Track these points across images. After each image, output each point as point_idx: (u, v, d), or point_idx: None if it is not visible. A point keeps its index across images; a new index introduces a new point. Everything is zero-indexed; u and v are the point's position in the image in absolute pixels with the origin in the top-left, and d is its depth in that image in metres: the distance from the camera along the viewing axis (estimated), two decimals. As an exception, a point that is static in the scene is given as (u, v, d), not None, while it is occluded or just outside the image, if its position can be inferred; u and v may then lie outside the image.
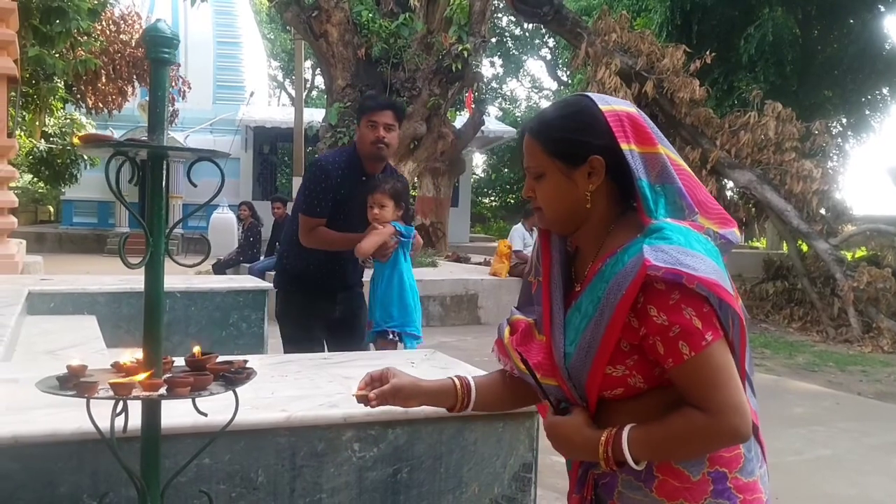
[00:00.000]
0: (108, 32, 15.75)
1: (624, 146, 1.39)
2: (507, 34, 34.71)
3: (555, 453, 1.51)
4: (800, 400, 6.80)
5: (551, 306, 1.48)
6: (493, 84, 36.71)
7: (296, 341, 3.87)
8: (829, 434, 5.69)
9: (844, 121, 19.93)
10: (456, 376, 1.64)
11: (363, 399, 1.58)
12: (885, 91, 19.61)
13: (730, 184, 13.05)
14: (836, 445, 5.42)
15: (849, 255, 12.50)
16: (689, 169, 1.49)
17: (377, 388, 1.59)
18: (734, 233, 1.47)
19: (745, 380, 1.40)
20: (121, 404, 1.62)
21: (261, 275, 10.11)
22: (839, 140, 19.45)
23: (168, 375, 1.68)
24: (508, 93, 39.34)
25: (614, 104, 1.44)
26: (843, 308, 10.53)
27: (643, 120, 1.44)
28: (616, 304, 1.31)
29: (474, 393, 1.61)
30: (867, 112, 19.92)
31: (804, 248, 11.89)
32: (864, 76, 18.28)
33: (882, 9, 18.13)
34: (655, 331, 1.30)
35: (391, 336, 3.79)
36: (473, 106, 17.18)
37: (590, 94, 1.49)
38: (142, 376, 1.61)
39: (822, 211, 11.86)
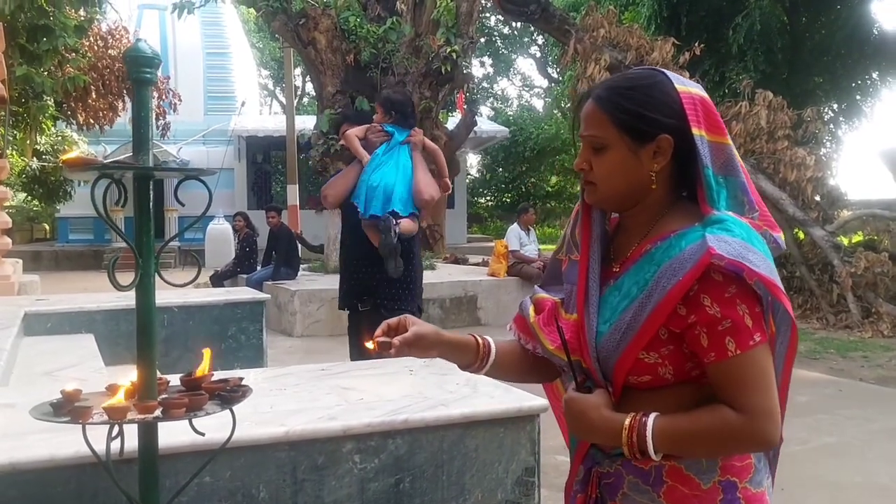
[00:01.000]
0: (95, 48, 15.74)
1: (695, 131, 1.34)
2: (495, 34, 34.73)
3: (559, 453, 1.49)
4: (803, 388, 6.79)
5: (587, 284, 1.42)
6: (484, 84, 36.73)
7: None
8: (833, 422, 5.68)
9: (836, 107, 19.95)
10: (478, 335, 1.58)
11: (384, 346, 1.47)
12: (874, 76, 19.64)
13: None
14: (840, 433, 5.42)
15: (845, 241, 12.50)
16: (745, 167, 1.44)
17: (394, 336, 1.50)
18: (781, 237, 1.43)
19: (785, 390, 1.38)
20: (116, 428, 1.61)
21: (258, 285, 10.11)
22: (831, 126, 19.47)
23: (163, 396, 1.67)
24: (500, 92, 39.39)
25: (689, 86, 1.39)
26: (841, 294, 10.53)
27: (713, 107, 1.39)
28: (669, 288, 1.27)
29: (493, 356, 1.55)
30: (858, 97, 19.95)
31: (801, 235, 11.88)
32: (854, 61, 18.31)
33: (869, -7, 18.16)
34: (705, 321, 1.27)
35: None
36: (465, 107, 17.20)
37: (665, 70, 1.42)
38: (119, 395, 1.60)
39: (817, 198, 11.84)
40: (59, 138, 19.07)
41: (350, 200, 4.46)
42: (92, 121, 16.03)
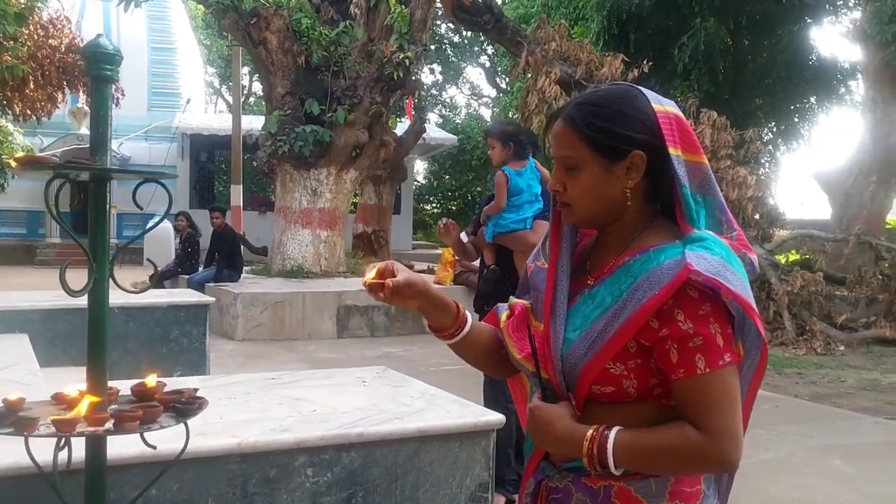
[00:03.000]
0: (36, 37, 15.22)
1: (672, 151, 1.34)
2: (446, 41, 34.82)
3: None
4: (740, 404, 6.94)
5: (555, 295, 1.41)
6: (433, 91, 36.79)
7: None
8: (770, 437, 5.80)
9: (775, 128, 20.54)
10: (459, 303, 1.54)
11: (377, 287, 1.43)
12: (812, 100, 20.29)
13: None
14: (777, 449, 5.53)
15: (782, 260, 12.84)
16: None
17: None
18: (756, 260, 1.42)
19: (748, 414, 1.38)
20: (63, 440, 1.54)
21: (200, 287, 9.91)
22: (770, 147, 20.01)
23: (114, 408, 1.60)
24: (448, 100, 39.47)
25: (666, 105, 1.38)
26: (777, 311, 10.79)
27: (689, 126, 1.39)
28: (644, 301, 1.26)
29: (468, 328, 1.52)
30: (796, 120, 20.58)
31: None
32: (794, 85, 18.89)
33: (809, 20, 18.77)
34: (677, 336, 1.26)
35: None
36: (414, 113, 17.17)
37: (641, 88, 1.41)
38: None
39: (757, 217, 12.15)
40: (-6, 128, 18.41)
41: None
42: (29, 112, 15.48)
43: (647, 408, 1.33)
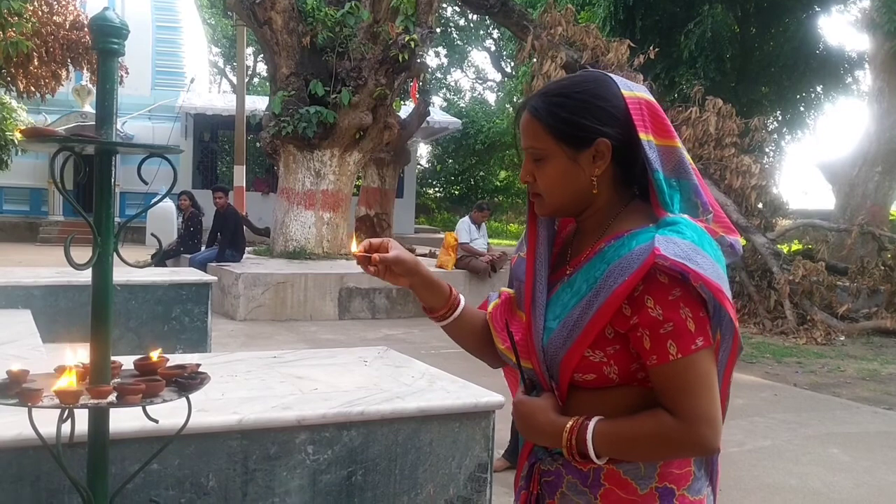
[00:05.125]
0: (40, 13, 15.15)
1: (643, 136, 1.33)
2: (451, 24, 34.66)
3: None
4: (740, 391, 6.95)
5: (534, 284, 1.42)
6: (438, 74, 36.67)
7: None
8: (769, 425, 5.83)
9: (780, 117, 20.45)
10: (452, 286, 1.55)
11: (365, 260, 1.44)
12: (818, 89, 20.19)
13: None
14: (775, 436, 5.56)
15: (785, 249, 12.83)
16: (696, 169, 1.44)
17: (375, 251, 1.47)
18: (739, 241, 1.42)
19: (726, 398, 1.37)
20: (66, 411, 1.54)
21: (202, 266, 9.93)
22: (775, 136, 19.97)
23: (117, 381, 1.61)
24: (453, 83, 39.36)
25: (636, 90, 1.37)
26: (779, 300, 10.81)
27: (661, 110, 1.38)
28: (615, 287, 1.26)
29: (460, 309, 1.53)
30: (802, 109, 20.49)
31: (742, 241, 12.15)
32: (800, 74, 18.79)
33: (817, 9, 18.64)
34: (647, 323, 1.26)
35: None
36: (418, 96, 17.11)
37: (610, 74, 1.41)
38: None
39: (760, 206, 12.14)
40: (-2, 104, 18.37)
41: None
42: (33, 88, 15.44)
43: (631, 392, 1.34)
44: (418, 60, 12.63)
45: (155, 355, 1.71)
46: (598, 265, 1.32)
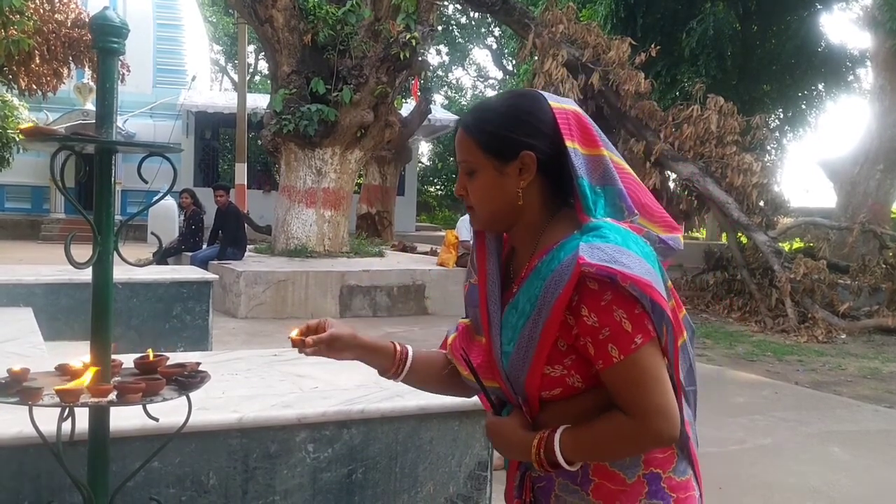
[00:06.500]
0: (41, 11, 15.17)
1: (568, 144, 1.37)
2: (452, 22, 34.63)
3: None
4: (740, 389, 6.96)
5: (488, 306, 1.44)
6: (439, 72, 36.63)
7: None
8: (769, 423, 5.83)
9: (782, 115, 20.43)
10: (396, 341, 1.59)
11: (299, 343, 1.48)
12: (820, 87, 20.17)
13: (673, 176, 13.26)
14: (775, 434, 5.56)
15: (786, 247, 12.82)
16: (633, 173, 1.48)
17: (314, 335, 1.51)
18: (677, 239, 1.47)
19: (680, 387, 1.39)
20: (67, 410, 1.55)
21: (203, 264, 9.93)
22: (776, 134, 19.95)
23: (117, 380, 1.62)
24: (454, 81, 39.33)
25: (564, 103, 1.42)
26: (780, 299, 10.80)
27: (589, 122, 1.42)
28: (553, 302, 1.29)
29: (410, 362, 1.56)
30: (803, 107, 20.46)
31: (744, 239, 12.15)
32: (801, 72, 18.78)
33: (819, 6, 18.62)
34: (587, 332, 1.29)
35: None
36: (419, 94, 17.12)
37: (540, 91, 1.45)
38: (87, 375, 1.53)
39: (761, 204, 12.13)
40: (0, 102, 18.38)
41: None
42: (34, 87, 15.45)
43: (600, 393, 1.36)
44: (419, 58, 12.63)
45: (155, 354, 1.72)
46: (535, 282, 1.35)
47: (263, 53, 20.36)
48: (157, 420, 1.66)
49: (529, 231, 1.43)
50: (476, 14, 30.70)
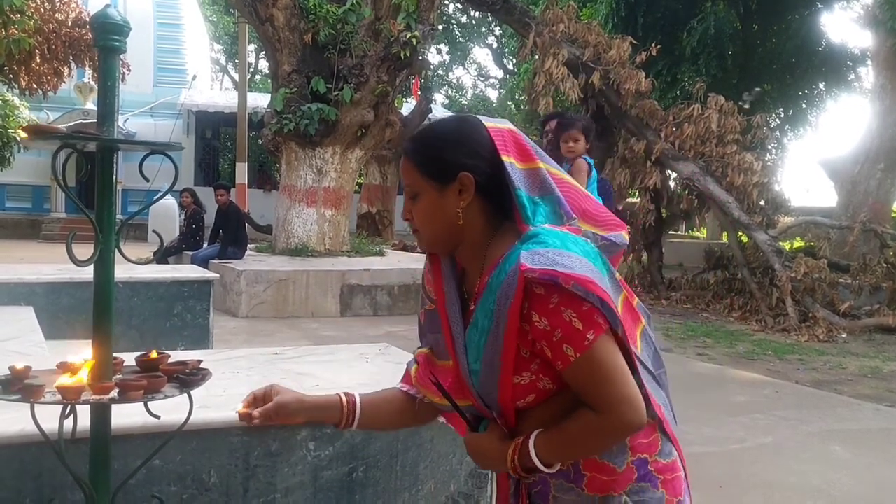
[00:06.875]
0: (42, 11, 15.19)
1: (504, 158, 1.42)
2: (453, 21, 34.62)
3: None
4: (741, 388, 6.96)
5: (451, 327, 1.48)
6: (440, 71, 36.63)
7: None
8: (769, 422, 5.83)
9: (782, 114, 20.42)
10: (343, 392, 1.62)
11: (246, 417, 1.54)
12: (821, 86, 20.16)
13: (674, 175, 13.26)
14: (776, 433, 5.56)
15: (787, 246, 12.81)
16: (573, 182, 1.53)
17: (261, 406, 1.56)
18: (621, 235, 1.53)
19: (636, 368, 1.41)
20: (69, 407, 1.55)
21: (204, 263, 9.93)
22: (777, 133, 19.94)
23: (119, 377, 1.62)
24: (454, 80, 39.32)
25: (498, 123, 1.48)
26: (781, 298, 10.80)
27: (524, 138, 1.48)
28: (506, 313, 1.33)
29: (359, 411, 1.60)
30: (804, 106, 20.45)
31: (744, 238, 12.15)
32: (802, 71, 18.77)
33: (820, 6, 18.61)
34: (541, 336, 1.32)
35: None
36: (420, 93, 17.12)
37: (475, 115, 1.52)
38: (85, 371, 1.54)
39: (762, 203, 12.13)
40: (0, 102, 18.39)
41: None
42: (35, 86, 15.47)
43: (572, 393, 1.39)
44: (420, 57, 12.62)
45: (157, 352, 1.72)
46: (488, 298, 1.38)
47: (264, 52, 20.36)
48: (158, 418, 1.67)
49: (474, 249, 1.47)
50: (476, 13, 30.70)
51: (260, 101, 19.51)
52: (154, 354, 1.71)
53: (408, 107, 20.00)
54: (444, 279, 1.51)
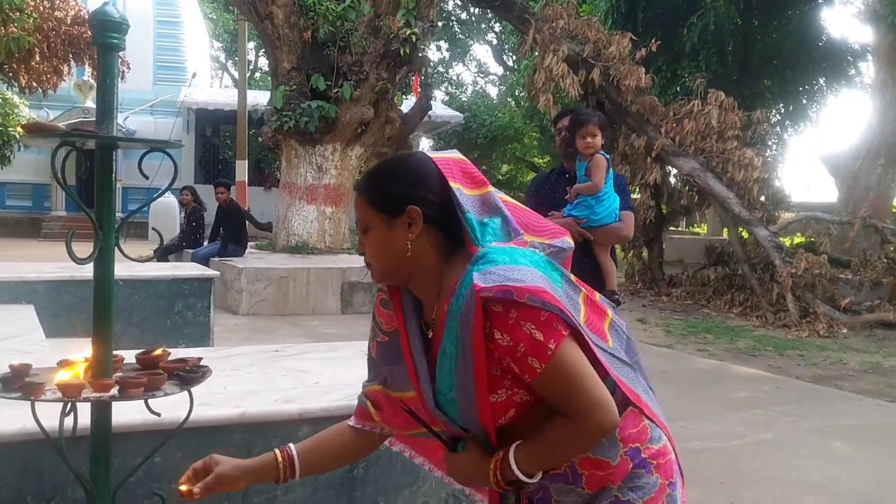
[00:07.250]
0: (41, 9, 15.17)
1: (452, 184, 1.45)
2: (453, 18, 34.57)
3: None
4: (741, 384, 6.96)
5: (413, 358, 1.50)
6: (440, 68, 36.58)
7: None
8: (770, 418, 5.83)
9: (782, 110, 20.39)
10: (278, 448, 1.64)
11: (188, 494, 1.54)
12: (821, 81, 20.12)
13: (674, 171, 13.25)
14: (776, 429, 5.56)
15: (787, 242, 12.81)
16: (515, 202, 1.57)
17: (201, 479, 1.57)
18: (565, 240, 1.57)
19: (603, 369, 1.43)
20: (69, 405, 1.55)
21: (204, 261, 9.94)
22: (777, 129, 19.91)
23: (119, 375, 1.62)
24: (454, 77, 39.26)
25: (446, 154, 1.52)
26: (781, 293, 10.80)
27: (471, 166, 1.51)
28: (470, 335, 1.35)
29: (298, 464, 1.62)
30: (804, 101, 20.41)
31: (745, 234, 12.15)
32: (802, 66, 18.73)
33: (820, 1, 18.58)
34: (505, 352, 1.34)
35: None
36: (420, 90, 17.09)
37: (423, 152, 1.56)
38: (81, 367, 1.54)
39: (762, 199, 12.13)
40: (0, 100, 18.38)
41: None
42: (34, 84, 15.46)
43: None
44: (420, 54, 12.61)
45: (157, 350, 1.72)
46: (451, 324, 1.40)
47: (263, 50, 20.35)
48: (158, 415, 1.67)
49: (428, 278, 1.49)
50: (476, 10, 30.66)
51: (260, 98, 19.50)
52: (155, 352, 1.71)
53: (408, 104, 19.98)
54: (404, 313, 1.54)
